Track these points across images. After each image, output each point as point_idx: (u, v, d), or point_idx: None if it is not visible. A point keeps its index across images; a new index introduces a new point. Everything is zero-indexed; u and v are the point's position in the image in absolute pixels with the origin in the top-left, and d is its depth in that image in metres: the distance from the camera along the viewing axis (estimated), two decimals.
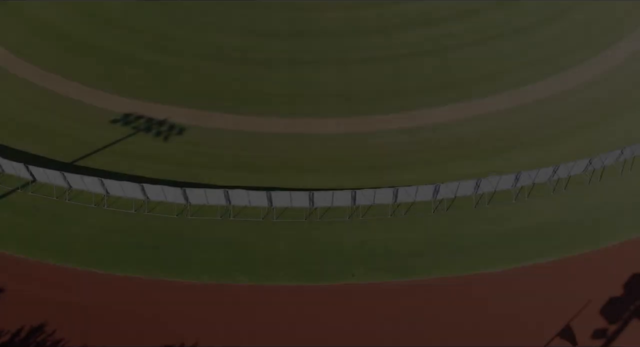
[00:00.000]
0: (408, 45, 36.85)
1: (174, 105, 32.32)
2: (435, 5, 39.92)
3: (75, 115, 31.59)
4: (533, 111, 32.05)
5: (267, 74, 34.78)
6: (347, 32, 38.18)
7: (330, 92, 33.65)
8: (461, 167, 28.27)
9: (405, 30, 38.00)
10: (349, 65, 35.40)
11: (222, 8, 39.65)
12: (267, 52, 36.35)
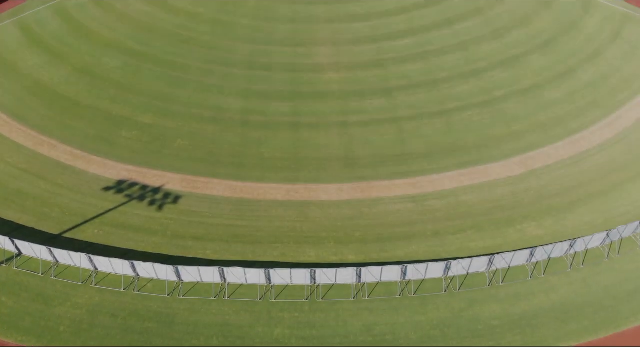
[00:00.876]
0: (411, 107, 35.97)
1: (170, 171, 31.10)
2: (439, 66, 39.30)
3: (66, 183, 30.31)
4: (543, 178, 30.75)
5: (268, 137, 33.76)
6: (348, 93, 37.40)
7: (331, 156, 32.50)
8: (471, 240, 26.77)
9: (408, 91, 37.13)
10: (350, 128, 34.41)
11: (223, 69, 38.95)
12: (267, 115, 35.47)
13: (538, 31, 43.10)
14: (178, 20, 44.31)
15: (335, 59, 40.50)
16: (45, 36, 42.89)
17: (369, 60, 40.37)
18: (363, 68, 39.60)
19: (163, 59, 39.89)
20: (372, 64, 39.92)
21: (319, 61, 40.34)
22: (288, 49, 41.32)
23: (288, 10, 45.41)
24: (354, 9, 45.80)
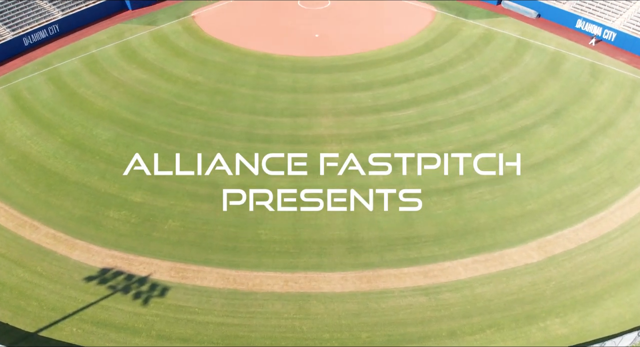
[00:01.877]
0: (418, 182, 33.78)
1: (159, 258, 28.66)
2: (445, 138, 37.59)
3: (46, 271, 27.85)
4: (564, 265, 28.34)
5: (266, 216, 31.39)
6: (350, 166, 35.23)
7: (334, 238, 30.14)
8: (491, 341, 24.09)
9: (414, 165, 35.10)
10: (353, 207, 32.05)
11: (221, 142, 37.25)
12: (266, 188, 33.19)
13: (547, 100, 41.69)
14: (175, 88, 42.95)
15: (336, 130, 38.76)
16: (37, 104, 41.45)
17: (371, 132, 38.66)
18: (366, 140, 37.76)
19: (157, 131, 38.15)
20: (375, 136, 38.16)
21: (320, 132, 38.60)
22: (288, 120, 39.72)
23: (289, 79, 44.17)
24: (355, 78, 44.58)
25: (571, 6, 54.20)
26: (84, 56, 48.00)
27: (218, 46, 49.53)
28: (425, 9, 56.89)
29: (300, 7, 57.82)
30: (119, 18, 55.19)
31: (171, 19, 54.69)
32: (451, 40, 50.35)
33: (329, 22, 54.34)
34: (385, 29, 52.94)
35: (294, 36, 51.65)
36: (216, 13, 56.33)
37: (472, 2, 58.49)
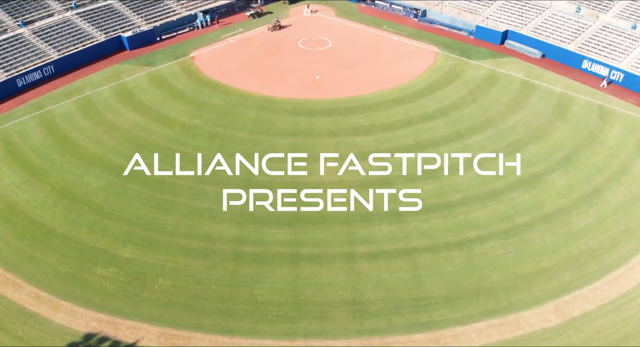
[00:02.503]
0: (425, 235, 32.09)
1: (148, 322, 26.63)
2: (452, 186, 35.89)
3: (27, 335, 25.99)
4: (584, 329, 26.34)
5: (263, 274, 29.61)
6: (354, 217, 33.50)
7: (337, 299, 28.14)
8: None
9: (420, 216, 33.38)
10: (358, 262, 30.37)
11: (217, 189, 35.32)
12: (263, 244, 31.52)
13: (556, 145, 40.23)
14: (172, 133, 41.54)
15: (338, 177, 37.03)
16: (27, 150, 40.01)
17: (375, 179, 36.89)
18: (370, 188, 35.95)
19: (151, 178, 36.42)
20: (379, 183, 36.39)
21: (321, 178, 36.85)
22: (288, 163, 37.95)
23: (289, 123, 42.85)
24: (356, 121, 43.24)
25: (576, 46, 53.32)
26: (78, 98, 46.82)
27: (217, 88, 48.40)
28: (427, 50, 56.06)
29: (301, 48, 57.01)
30: (116, 58, 54.27)
31: (170, 59, 53.77)
32: (455, 82, 49.24)
33: (329, 64, 53.39)
34: (386, 70, 51.93)
35: (295, 78, 50.59)
36: (216, 54, 55.47)
37: (475, 42, 57.73)
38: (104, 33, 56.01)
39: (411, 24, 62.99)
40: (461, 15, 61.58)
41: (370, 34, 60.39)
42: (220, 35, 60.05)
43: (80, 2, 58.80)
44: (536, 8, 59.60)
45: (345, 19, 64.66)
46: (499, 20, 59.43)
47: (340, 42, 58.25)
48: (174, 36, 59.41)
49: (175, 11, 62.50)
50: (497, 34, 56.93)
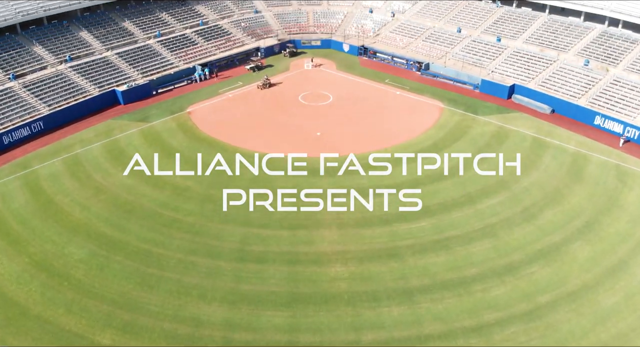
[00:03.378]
0: (439, 318, 29.03)
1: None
2: (466, 258, 33.18)
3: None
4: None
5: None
6: (360, 296, 30.62)
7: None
8: None
9: (433, 294, 30.38)
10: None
11: (208, 262, 32.60)
12: (257, 330, 28.28)
13: (574, 210, 37.50)
14: (163, 196, 38.92)
15: (341, 247, 34.22)
16: (8, 215, 37.32)
17: (381, 249, 34.10)
18: (375, 259, 33.18)
19: (138, 249, 33.67)
20: (385, 254, 33.61)
21: (322, 249, 34.00)
22: (286, 232, 35.30)
23: (288, 183, 40.08)
24: (359, 181, 40.52)
25: (587, 101, 51.40)
26: (66, 157, 44.51)
27: (213, 146, 46.10)
28: (431, 105, 54.17)
29: (301, 103, 55.17)
30: (110, 113, 52.30)
31: (165, 114, 51.77)
32: (462, 139, 47.03)
33: (330, 120, 51.38)
34: (390, 126, 49.80)
35: (295, 135, 48.43)
36: (214, 109, 53.54)
37: (481, 97, 55.93)
38: (98, 87, 54.25)
39: (414, 78, 61.45)
40: (465, 69, 60.05)
41: (372, 88, 58.72)
42: (219, 89, 58.35)
43: (74, 54, 57.36)
44: (543, 61, 58.13)
45: (347, 73, 63.22)
46: (505, 74, 57.82)
47: (341, 97, 56.45)
48: (171, 90, 57.74)
49: (173, 64, 61.07)
50: (504, 88, 55.17)
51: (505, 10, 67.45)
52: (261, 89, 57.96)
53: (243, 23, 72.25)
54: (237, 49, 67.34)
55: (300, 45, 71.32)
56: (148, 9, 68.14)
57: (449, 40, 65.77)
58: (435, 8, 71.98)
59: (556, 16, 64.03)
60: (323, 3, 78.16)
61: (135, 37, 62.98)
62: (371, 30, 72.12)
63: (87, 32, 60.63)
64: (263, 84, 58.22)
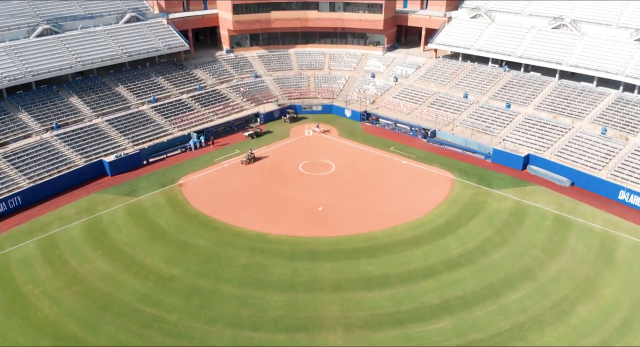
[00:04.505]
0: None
1: None
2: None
3: None
4: None
5: None
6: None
7: None
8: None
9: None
10: None
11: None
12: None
13: (610, 305, 33.08)
14: (144, 287, 34.54)
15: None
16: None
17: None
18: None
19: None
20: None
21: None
22: (282, 336, 30.56)
23: (286, 270, 36.26)
24: (366, 269, 36.58)
25: (609, 174, 47.73)
26: (42, 238, 40.38)
27: (205, 224, 42.05)
28: (441, 176, 50.50)
29: (302, 173, 51.54)
30: (95, 186, 48.55)
31: (154, 187, 47.98)
32: (478, 217, 42.97)
33: (333, 192, 47.56)
34: (398, 200, 45.92)
35: (294, 209, 44.49)
36: (208, 180, 49.83)
37: (494, 167, 52.39)
38: (84, 157, 50.78)
39: (420, 145, 58.15)
40: (475, 136, 56.86)
41: (376, 157, 55.29)
42: (215, 157, 54.92)
43: (62, 121, 54.28)
44: (558, 129, 55.03)
45: (349, 140, 60.05)
46: (517, 143, 54.51)
47: (344, 166, 52.92)
48: (163, 159, 54.22)
49: (167, 131, 57.93)
50: (518, 158, 51.68)
51: (513, 75, 65.13)
52: (245, 164, 52.85)
53: (242, 88, 69.85)
54: (235, 115, 64.50)
55: (301, 111, 68.60)
56: (144, 73, 65.82)
57: (456, 106, 63.01)
58: (439, 73, 69.81)
59: (567, 81, 61.59)
60: (324, 67, 76.22)
61: (129, 102, 60.18)
62: (374, 96, 69.60)
63: (77, 98, 57.84)
64: (247, 159, 53.09)
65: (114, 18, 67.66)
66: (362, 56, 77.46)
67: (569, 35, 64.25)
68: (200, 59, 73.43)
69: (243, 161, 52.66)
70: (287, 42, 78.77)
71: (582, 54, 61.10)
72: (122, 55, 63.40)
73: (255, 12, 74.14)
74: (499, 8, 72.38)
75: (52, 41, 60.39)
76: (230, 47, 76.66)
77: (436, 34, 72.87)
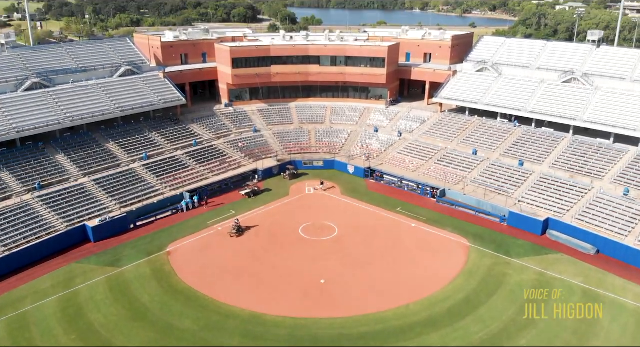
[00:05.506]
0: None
1: None
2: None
3: None
4: None
5: None
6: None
7: None
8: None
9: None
10: None
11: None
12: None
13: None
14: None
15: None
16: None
17: None
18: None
19: None
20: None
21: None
22: None
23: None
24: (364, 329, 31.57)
25: (636, 240, 43.70)
26: (13, 316, 36.23)
27: (192, 301, 37.67)
28: (454, 242, 46.39)
29: (302, 238, 47.46)
30: (76, 254, 44.40)
31: (140, 256, 43.80)
32: (498, 293, 38.67)
33: (337, 261, 43.40)
34: (409, 272, 41.68)
35: (294, 283, 40.25)
36: (198, 247, 45.66)
37: (510, 231, 48.40)
38: (67, 221, 46.82)
39: (429, 206, 54.29)
40: (488, 197, 53.08)
41: (383, 218, 51.33)
42: (208, 220, 50.94)
43: (46, 181, 50.63)
44: (576, 190, 51.32)
45: (353, 199, 56.28)
46: (534, 204, 50.67)
47: (348, 229, 48.87)
48: (152, 222, 50.20)
49: (157, 191, 54.20)
50: (537, 223, 47.71)
51: (524, 131, 62.08)
52: (235, 237, 46.76)
53: (241, 143, 66.71)
54: (232, 172, 61.03)
55: (302, 166, 65.20)
56: (137, 128, 62.82)
57: (465, 163, 59.59)
58: (446, 128, 66.86)
59: (582, 137, 58.46)
60: (326, 121, 73.42)
61: (119, 160, 56.79)
62: (377, 151, 66.36)
63: (64, 155, 54.47)
64: (237, 232, 47.05)
65: (108, 71, 65.24)
66: (365, 110, 74.81)
67: (582, 89, 61.64)
68: (198, 113, 70.69)
69: (232, 234, 46.86)
70: (287, 95, 76.35)
71: (597, 109, 58.28)
72: (114, 111, 60.49)
73: (255, 67, 71.95)
74: (506, 61, 70.25)
75: (40, 96, 57.55)
76: (229, 100, 74.10)
77: (441, 88, 70.41)
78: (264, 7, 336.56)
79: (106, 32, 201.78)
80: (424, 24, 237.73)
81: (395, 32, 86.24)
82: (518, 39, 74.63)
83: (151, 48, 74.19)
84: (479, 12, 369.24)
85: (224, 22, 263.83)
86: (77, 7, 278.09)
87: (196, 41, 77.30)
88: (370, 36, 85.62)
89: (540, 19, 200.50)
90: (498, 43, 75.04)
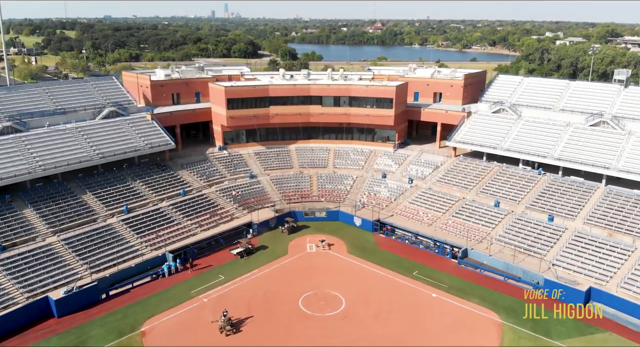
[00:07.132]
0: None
1: None
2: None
3: None
4: None
5: None
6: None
7: None
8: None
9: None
10: None
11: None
12: None
13: None
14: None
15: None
16: None
17: None
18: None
19: None
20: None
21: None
22: None
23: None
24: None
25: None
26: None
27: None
28: (483, 318, 39.24)
29: (303, 312, 40.32)
30: (35, 333, 37.32)
31: (109, 337, 36.67)
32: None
33: (344, 344, 35.87)
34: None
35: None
36: (180, 325, 38.52)
37: (548, 303, 41.35)
38: (27, 291, 39.91)
39: (450, 269, 47.31)
40: (517, 258, 46.14)
41: (397, 285, 44.31)
42: (192, 288, 43.83)
43: (9, 241, 43.76)
44: (618, 251, 44.69)
45: (361, 259, 49.36)
46: (571, 269, 43.83)
47: (357, 301, 41.80)
48: (128, 291, 43.04)
49: (137, 252, 47.30)
50: (579, 293, 40.65)
51: (550, 180, 55.64)
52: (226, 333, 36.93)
53: (234, 191, 60.18)
54: (224, 226, 54.30)
55: (302, 218, 58.48)
56: (118, 176, 56.37)
57: (487, 216, 52.88)
58: (462, 174, 60.44)
59: (616, 188, 52.00)
60: (328, 165, 67.03)
61: (96, 214, 50.11)
62: (386, 200, 59.74)
63: (32, 209, 47.85)
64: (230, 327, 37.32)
65: (89, 113, 59.27)
66: (371, 153, 68.59)
67: (613, 134, 55.50)
68: (188, 157, 64.39)
69: (227, 332, 37.02)
70: (287, 137, 70.33)
71: (632, 156, 51.92)
72: (93, 158, 54.18)
73: (252, 107, 66.12)
74: (526, 102, 64.42)
75: (10, 142, 51.34)
76: (224, 143, 67.94)
77: (455, 131, 64.32)
78: (265, 43, 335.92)
79: (102, 67, 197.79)
80: (424, 59, 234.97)
81: (402, 70, 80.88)
82: (537, 78, 68.91)
83: (140, 87, 68.58)
84: (479, 47, 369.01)
85: (224, 58, 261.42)
86: (77, 42, 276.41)
87: (189, 80, 71.81)
88: (375, 75, 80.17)
89: (543, 53, 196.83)
90: (515, 82, 69.40)
